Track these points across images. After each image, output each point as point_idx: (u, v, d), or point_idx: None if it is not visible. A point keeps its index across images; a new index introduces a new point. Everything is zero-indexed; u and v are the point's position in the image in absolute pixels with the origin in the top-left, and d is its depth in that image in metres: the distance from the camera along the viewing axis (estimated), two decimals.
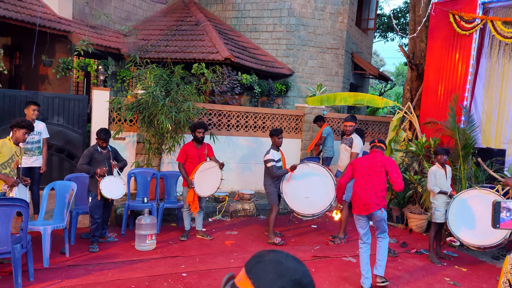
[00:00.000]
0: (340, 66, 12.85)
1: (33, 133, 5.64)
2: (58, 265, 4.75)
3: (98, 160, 5.34)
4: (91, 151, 5.37)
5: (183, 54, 9.96)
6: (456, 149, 6.78)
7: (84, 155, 5.33)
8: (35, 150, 5.77)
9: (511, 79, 8.17)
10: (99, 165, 5.30)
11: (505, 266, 1.72)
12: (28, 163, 5.66)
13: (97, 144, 5.45)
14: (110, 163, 5.46)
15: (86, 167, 5.26)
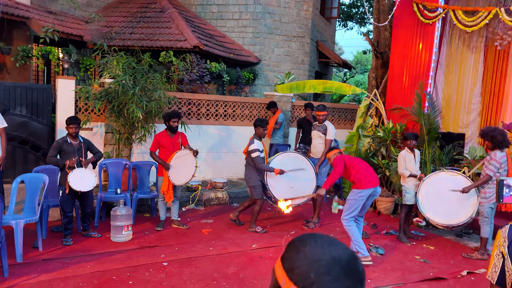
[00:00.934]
0: (305, 54, 13.00)
1: None
2: (32, 259, 4.58)
3: (68, 151, 5.15)
4: (60, 142, 5.17)
5: (150, 42, 9.71)
6: (422, 133, 7.09)
7: (53, 147, 5.15)
8: None
9: (468, 66, 8.62)
10: (69, 157, 5.11)
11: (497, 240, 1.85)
12: None
13: (67, 135, 5.26)
14: (81, 155, 5.26)
15: (55, 159, 5.07)
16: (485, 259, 5.33)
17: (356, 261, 0.87)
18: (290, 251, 0.90)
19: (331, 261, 0.83)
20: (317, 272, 0.83)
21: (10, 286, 3.93)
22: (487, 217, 5.39)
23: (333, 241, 0.89)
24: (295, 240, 0.92)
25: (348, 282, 0.83)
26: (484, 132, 5.32)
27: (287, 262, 0.88)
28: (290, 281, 0.85)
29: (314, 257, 0.84)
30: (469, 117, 8.91)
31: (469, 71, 8.64)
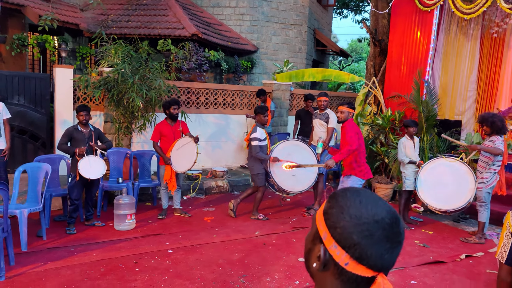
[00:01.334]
0: (303, 42, 12.97)
1: None
2: (37, 248, 4.61)
3: (78, 139, 5.21)
4: (70, 130, 5.25)
5: (147, 30, 9.63)
6: (420, 121, 7.15)
7: (64, 134, 5.24)
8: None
9: (465, 54, 8.67)
10: (79, 145, 5.18)
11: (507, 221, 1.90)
12: None
13: (78, 123, 5.32)
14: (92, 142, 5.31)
15: (65, 146, 5.15)
16: (483, 243, 5.44)
17: (398, 223, 0.88)
18: (334, 208, 0.90)
19: (374, 225, 0.85)
20: (360, 234, 0.85)
21: (17, 274, 3.96)
22: (485, 202, 5.48)
23: (377, 202, 0.90)
24: (339, 197, 0.91)
25: (389, 245, 0.86)
26: (483, 117, 5.38)
27: (330, 219, 0.89)
28: (332, 238, 0.87)
29: (358, 220, 0.86)
30: (465, 104, 8.99)
31: (466, 59, 8.69)
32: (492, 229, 5.98)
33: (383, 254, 0.85)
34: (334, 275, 0.88)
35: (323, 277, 0.91)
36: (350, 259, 0.85)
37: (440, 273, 4.49)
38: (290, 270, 4.42)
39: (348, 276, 0.87)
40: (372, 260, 0.85)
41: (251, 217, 6.19)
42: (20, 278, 3.89)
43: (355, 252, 0.85)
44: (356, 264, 0.85)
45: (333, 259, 0.88)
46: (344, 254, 0.86)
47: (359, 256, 0.85)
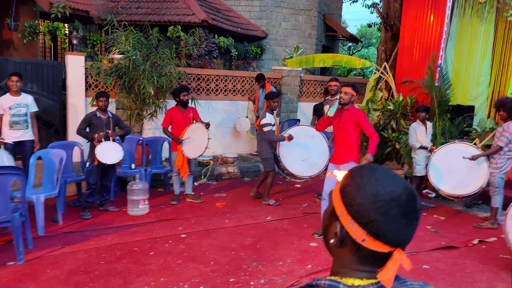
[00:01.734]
0: (313, 28, 12.83)
1: (20, 106, 5.39)
2: (53, 232, 4.71)
3: (97, 125, 5.31)
4: (89, 116, 5.36)
5: (157, 16, 9.60)
6: (432, 106, 7.08)
7: (83, 120, 5.35)
8: (23, 124, 5.45)
9: (479, 38, 8.51)
10: (98, 131, 5.28)
11: None
12: (16, 137, 5.39)
13: (96, 109, 5.41)
14: (109, 129, 5.39)
15: (85, 132, 5.27)
16: (495, 228, 5.42)
17: (415, 200, 0.89)
18: (350, 185, 0.91)
19: (391, 202, 0.86)
20: (376, 212, 0.86)
21: (36, 257, 4.05)
22: (498, 187, 5.45)
23: (393, 179, 0.90)
24: (355, 175, 0.92)
25: (405, 221, 0.87)
26: (501, 102, 5.30)
27: (346, 197, 0.90)
28: (348, 216, 0.88)
29: (374, 197, 0.86)
30: (477, 90, 8.85)
31: (480, 43, 8.53)
32: (505, 214, 5.95)
33: (399, 230, 0.86)
34: (351, 251, 0.90)
35: (340, 253, 0.92)
36: (367, 235, 0.87)
37: (453, 258, 4.49)
38: (302, 254, 4.46)
39: (365, 252, 0.88)
40: (389, 236, 0.86)
41: (262, 202, 6.24)
42: (38, 261, 3.98)
43: (372, 229, 0.86)
44: (373, 240, 0.87)
45: (350, 236, 0.89)
46: (361, 231, 0.87)
47: (376, 233, 0.86)
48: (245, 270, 4.02)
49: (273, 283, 3.79)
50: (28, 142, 5.54)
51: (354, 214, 0.88)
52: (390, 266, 0.86)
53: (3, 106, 5.34)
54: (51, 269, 3.82)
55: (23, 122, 5.47)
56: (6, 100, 5.37)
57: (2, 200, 3.76)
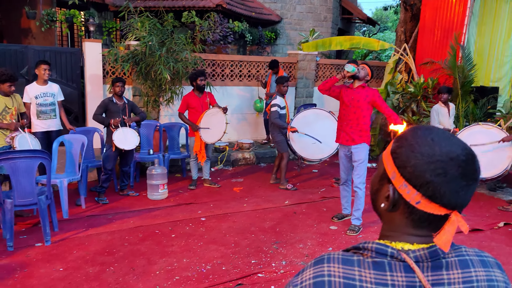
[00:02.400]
0: (328, 10, 12.62)
1: (46, 95, 5.35)
2: (77, 216, 4.79)
3: (113, 111, 5.33)
4: (106, 102, 5.38)
5: (172, 2, 9.57)
6: (455, 87, 6.92)
7: (99, 106, 5.37)
8: (50, 113, 5.42)
9: (503, 17, 8.24)
10: (114, 116, 5.31)
11: None
12: (44, 127, 5.38)
13: (113, 95, 5.42)
14: (125, 115, 5.43)
15: (101, 117, 5.29)
16: None
17: (474, 160, 0.84)
18: (403, 147, 0.86)
19: (449, 162, 0.81)
20: (433, 172, 0.81)
21: (62, 239, 4.13)
22: None
23: (450, 139, 0.85)
24: (409, 136, 0.87)
25: (464, 182, 0.82)
26: None
27: (399, 158, 0.85)
28: (402, 178, 0.84)
29: (430, 158, 0.82)
30: (501, 71, 8.60)
31: (504, 22, 8.25)
32: None
33: (458, 192, 0.82)
34: (404, 214, 0.86)
35: (392, 216, 0.89)
36: (422, 197, 0.82)
37: (478, 241, 4.42)
38: (323, 237, 4.44)
39: (420, 214, 0.84)
40: (446, 198, 0.81)
41: (280, 187, 6.22)
42: (64, 242, 4.06)
43: (428, 191, 0.82)
44: (429, 203, 0.82)
45: (403, 198, 0.85)
46: (416, 193, 0.83)
47: (432, 195, 0.81)
48: (265, 252, 4.02)
49: (294, 265, 3.78)
50: (55, 133, 5.48)
51: (408, 176, 0.83)
52: (447, 229, 0.82)
53: (30, 95, 5.26)
54: (77, 250, 3.89)
55: (50, 112, 5.42)
56: (32, 89, 5.30)
57: (29, 183, 3.82)
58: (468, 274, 0.84)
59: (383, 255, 0.83)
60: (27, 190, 3.83)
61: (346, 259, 0.84)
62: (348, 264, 0.83)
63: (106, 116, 5.35)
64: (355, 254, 0.85)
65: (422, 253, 0.83)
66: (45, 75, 5.32)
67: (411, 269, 0.82)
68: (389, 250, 0.83)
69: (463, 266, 0.84)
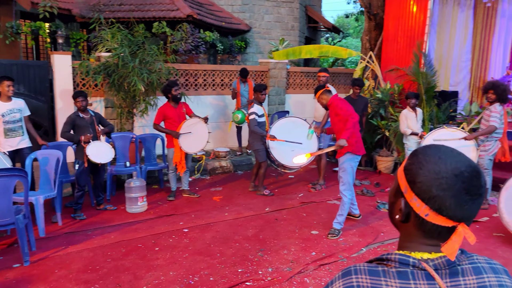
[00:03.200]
0: (295, 19, 12.90)
1: (13, 112, 5.10)
2: (54, 233, 4.67)
3: (81, 125, 5.19)
4: (72, 117, 5.20)
5: (141, 12, 9.50)
6: (420, 93, 7.25)
7: (66, 122, 5.17)
8: (18, 130, 5.19)
9: (459, 24, 8.75)
10: (83, 131, 5.16)
11: None
12: (13, 145, 5.13)
13: (77, 110, 5.27)
14: (95, 128, 5.30)
15: (70, 134, 5.11)
16: (487, 208, 5.63)
17: (479, 177, 0.92)
18: (414, 164, 0.95)
19: (453, 178, 0.89)
20: (438, 187, 0.89)
21: (41, 258, 4.02)
22: (487, 169, 5.65)
23: (456, 157, 0.93)
24: (419, 153, 0.97)
25: (468, 197, 0.90)
26: (495, 84, 5.47)
27: (410, 174, 0.95)
28: (412, 192, 0.93)
29: (437, 175, 0.90)
30: (460, 75, 9.11)
31: (460, 29, 8.78)
32: (494, 195, 6.17)
33: (462, 205, 0.90)
34: (416, 225, 0.94)
35: (406, 227, 0.97)
36: (430, 210, 0.91)
37: None
38: (305, 242, 4.55)
39: (429, 226, 0.92)
40: (452, 211, 0.89)
41: (257, 193, 6.32)
42: (44, 262, 3.96)
43: (435, 204, 0.90)
44: (436, 215, 0.91)
45: (414, 211, 0.94)
46: (424, 206, 0.91)
47: (439, 208, 0.90)
48: (251, 261, 4.08)
49: (280, 271, 3.86)
50: (26, 149, 5.25)
51: (417, 191, 0.92)
52: (454, 240, 0.90)
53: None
54: (59, 269, 3.81)
55: (19, 129, 5.18)
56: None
57: (5, 202, 3.71)
58: (481, 280, 0.93)
59: (406, 265, 0.92)
60: (4, 209, 3.72)
61: (372, 270, 0.92)
62: (375, 274, 0.91)
63: (74, 132, 5.18)
64: (379, 265, 0.93)
65: (440, 261, 0.92)
66: (9, 92, 5.05)
67: (432, 276, 0.90)
68: (411, 260, 0.92)
69: (477, 273, 0.93)
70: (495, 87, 5.41)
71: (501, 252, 4.33)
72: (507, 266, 4.02)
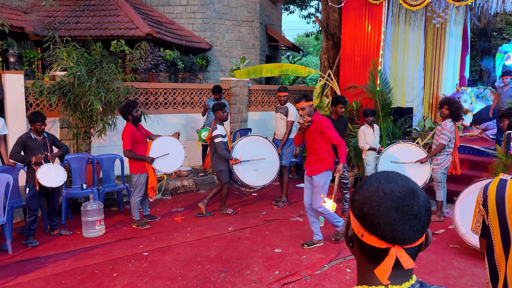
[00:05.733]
0: (256, 38, 13.10)
1: None
2: (3, 262, 4.39)
3: (33, 147, 4.95)
4: (24, 138, 4.95)
5: (99, 31, 9.33)
6: (376, 109, 7.49)
7: (17, 143, 4.92)
8: None
9: (411, 44, 9.20)
10: (34, 153, 4.92)
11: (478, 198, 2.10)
12: None
13: (30, 131, 5.03)
14: (47, 150, 5.07)
15: (20, 156, 4.86)
16: (442, 220, 5.83)
17: (412, 198, 0.91)
18: (357, 187, 0.99)
19: (383, 196, 0.90)
20: (369, 205, 0.91)
21: None
22: (441, 182, 5.87)
23: (391, 179, 0.94)
24: (366, 178, 1.00)
25: (398, 216, 0.89)
26: (450, 100, 5.72)
27: (352, 196, 0.98)
28: (351, 213, 0.96)
29: (369, 193, 0.93)
30: (414, 92, 9.54)
31: (412, 48, 9.23)
32: (449, 207, 6.41)
33: (392, 224, 0.88)
34: (359, 250, 0.95)
35: (356, 254, 0.98)
36: (363, 229, 0.92)
37: None
38: (268, 261, 4.52)
39: (367, 248, 0.92)
40: (381, 230, 0.89)
41: (219, 212, 6.25)
42: None
43: (366, 222, 0.91)
44: (369, 235, 0.91)
45: (354, 233, 0.95)
46: (359, 225, 0.93)
47: (369, 226, 0.90)
48: (214, 283, 3.99)
49: None
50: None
51: (353, 210, 0.95)
52: (386, 262, 0.89)
53: None
54: None
55: None
56: None
57: None
58: None
59: None
60: None
61: None
62: None
63: (26, 154, 4.93)
64: None
65: None
66: None
67: None
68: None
69: None
70: (450, 103, 5.67)
71: (456, 263, 4.48)
72: (462, 277, 4.16)
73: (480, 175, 6.56)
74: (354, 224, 0.94)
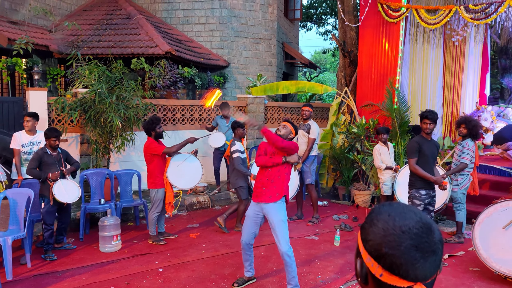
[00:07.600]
0: (273, 56, 13.22)
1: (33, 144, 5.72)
2: (22, 276, 4.47)
3: (48, 163, 5.08)
4: (40, 154, 5.07)
5: (120, 49, 9.58)
6: (394, 127, 7.44)
7: (33, 158, 5.05)
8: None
9: (430, 62, 9.15)
10: (50, 168, 5.04)
11: None
12: None
13: (46, 146, 5.17)
14: (62, 166, 5.19)
15: (36, 172, 4.99)
16: (462, 242, 5.69)
17: (430, 233, 0.90)
18: (367, 223, 0.96)
19: (401, 235, 0.88)
20: (387, 245, 0.89)
21: None
22: (461, 202, 5.75)
23: (405, 214, 0.93)
24: (372, 212, 0.97)
25: (418, 254, 0.87)
26: (467, 119, 5.65)
27: (363, 233, 0.95)
28: (365, 251, 0.93)
29: (385, 232, 0.90)
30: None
31: (431, 66, 9.17)
32: (469, 228, 6.25)
33: (414, 264, 0.87)
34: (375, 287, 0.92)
35: None
36: (383, 269, 0.89)
37: None
38: (283, 280, 4.47)
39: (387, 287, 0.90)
40: (403, 270, 0.87)
41: (234, 229, 6.23)
42: None
43: (386, 263, 0.89)
44: (389, 275, 0.89)
45: (370, 272, 0.92)
46: (377, 266, 0.90)
47: (390, 267, 0.88)
48: None
49: None
50: None
51: (369, 249, 0.92)
52: None
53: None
54: None
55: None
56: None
57: None
58: None
59: None
60: None
61: None
62: None
63: (41, 169, 5.06)
64: None
65: None
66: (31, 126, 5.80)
67: None
68: None
69: None
70: (467, 122, 5.60)
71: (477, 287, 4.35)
72: None
73: (500, 195, 6.40)
74: (371, 264, 0.91)
